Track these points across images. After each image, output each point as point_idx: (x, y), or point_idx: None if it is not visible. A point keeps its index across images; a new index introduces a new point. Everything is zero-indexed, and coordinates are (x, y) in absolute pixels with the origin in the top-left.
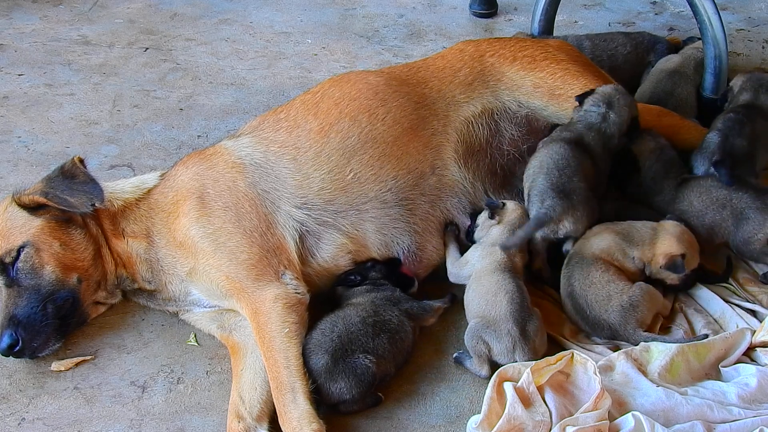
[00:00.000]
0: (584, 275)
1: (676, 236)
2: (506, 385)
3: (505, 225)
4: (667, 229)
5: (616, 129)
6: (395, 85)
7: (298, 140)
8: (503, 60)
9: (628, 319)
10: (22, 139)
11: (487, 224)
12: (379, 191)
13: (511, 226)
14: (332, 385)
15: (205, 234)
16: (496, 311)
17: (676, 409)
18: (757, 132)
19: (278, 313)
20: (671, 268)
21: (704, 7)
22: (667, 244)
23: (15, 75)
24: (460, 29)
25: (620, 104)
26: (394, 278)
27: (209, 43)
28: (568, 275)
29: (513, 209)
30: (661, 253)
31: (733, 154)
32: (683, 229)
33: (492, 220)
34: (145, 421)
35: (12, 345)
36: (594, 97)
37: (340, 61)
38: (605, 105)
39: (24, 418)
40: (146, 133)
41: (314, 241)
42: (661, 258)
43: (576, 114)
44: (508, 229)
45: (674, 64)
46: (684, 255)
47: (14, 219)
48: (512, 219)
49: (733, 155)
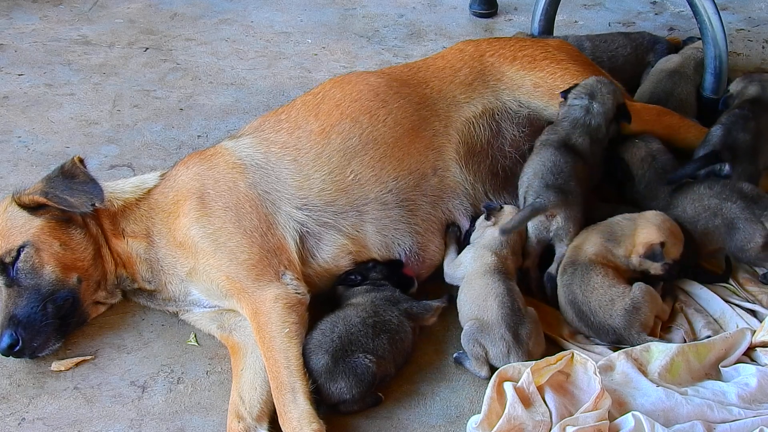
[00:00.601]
0: (585, 282)
1: (655, 225)
2: (506, 385)
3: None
4: (647, 218)
5: (601, 118)
6: (396, 86)
7: (298, 141)
8: (503, 60)
9: (632, 322)
10: (22, 139)
11: (483, 225)
12: (379, 192)
13: None
14: (332, 385)
15: (206, 234)
16: (488, 315)
17: (676, 409)
18: (762, 128)
19: (278, 314)
20: (650, 256)
21: (704, 7)
22: (646, 232)
23: (15, 75)
24: (460, 29)
25: (602, 93)
26: (395, 279)
27: (209, 43)
28: (568, 283)
29: (510, 212)
30: (640, 242)
31: (736, 148)
32: (664, 218)
33: (488, 222)
34: (145, 421)
35: (12, 345)
36: (576, 91)
37: (340, 61)
38: (588, 96)
39: (24, 418)
40: (146, 133)
41: (315, 242)
42: (641, 247)
43: (562, 110)
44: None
45: (674, 64)
46: (663, 243)
47: (14, 219)
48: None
49: (735, 149)
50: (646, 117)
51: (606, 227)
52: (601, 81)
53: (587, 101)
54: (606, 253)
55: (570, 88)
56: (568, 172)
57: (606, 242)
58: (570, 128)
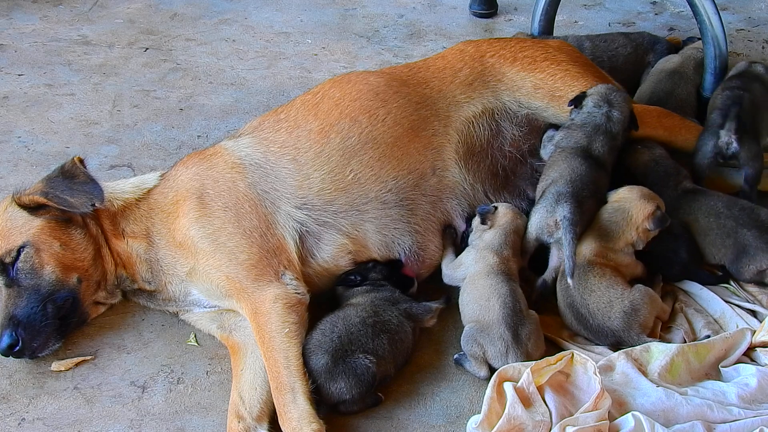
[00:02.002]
0: (582, 284)
1: (640, 197)
2: (506, 385)
3: (497, 228)
4: (627, 197)
5: (620, 126)
6: (396, 85)
7: (298, 141)
8: (503, 60)
9: (631, 324)
10: (22, 139)
11: (480, 228)
12: (379, 192)
13: (504, 229)
14: (332, 385)
15: (205, 234)
16: (489, 315)
17: (676, 409)
18: (756, 98)
19: (278, 313)
20: (658, 224)
21: (704, 7)
22: (640, 207)
23: (15, 75)
24: (460, 29)
25: (619, 101)
26: (395, 279)
27: (209, 43)
28: (566, 286)
29: (504, 213)
30: (642, 220)
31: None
32: (639, 188)
33: (484, 225)
34: (145, 421)
35: (12, 345)
36: (593, 99)
37: (340, 61)
38: (606, 104)
39: (24, 418)
40: (146, 133)
41: (314, 242)
42: (646, 223)
43: (578, 117)
44: (501, 232)
45: (674, 64)
46: (658, 206)
47: (14, 219)
48: (504, 222)
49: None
50: (646, 119)
51: (597, 229)
52: (612, 89)
53: (606, 108)
54: (605, 252)
55: (579, 96)
56: (589, 182)
57: (602, 242)
58: (592, 135)
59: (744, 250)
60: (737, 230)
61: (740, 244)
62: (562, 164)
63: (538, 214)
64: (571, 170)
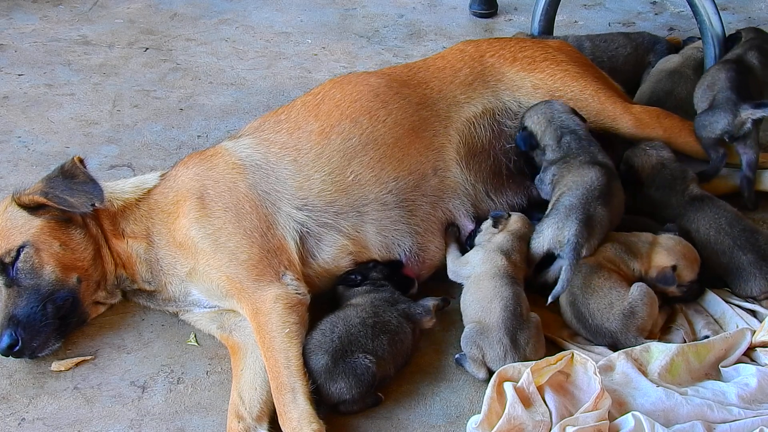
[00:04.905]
0: (586, 283)
1: (667, 249)
2: (506, 385)
3: (508, 233)
4: (660, 243)
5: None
6: (396, 86)
7: (298, 142)
8: (503, 60)
9: (628, 326)
10: (22, 139)
11: (490, 231)
12: (379, 193)
13: (514, 234)
14: (332, 386)
15: (205, 234)
16: (489, 318)
17: (676, 409)
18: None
19: (279, 314)
20: (662, 280)
21: (704, 7)
22: (658, 257)
23: (15, 75)
24: (460, 29)
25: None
26: (395, 279)
27: (209, 43)
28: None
29: (516, 220)
30: (654, 266)
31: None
32: (677, 241)
33: (494, 229)
34: (145, 421)
35: (12, 345)
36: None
37: (340, 61)
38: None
39: (24, 418)
40: (146, 133)
41: (315, 243)
42: (654, 271)
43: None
44: (511, 237)
45: (674, 64)
46: (675, 266)
47: (14, 219)
48: (515, 228)
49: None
50: (646, 120)
51: (626, 240)
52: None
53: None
54: (619, 262)
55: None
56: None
57: (623, 253)
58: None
59: (738, 270)
60: (733, 252)
61: (734, 266)
62: (576, 179)
63: (551, 229)
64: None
